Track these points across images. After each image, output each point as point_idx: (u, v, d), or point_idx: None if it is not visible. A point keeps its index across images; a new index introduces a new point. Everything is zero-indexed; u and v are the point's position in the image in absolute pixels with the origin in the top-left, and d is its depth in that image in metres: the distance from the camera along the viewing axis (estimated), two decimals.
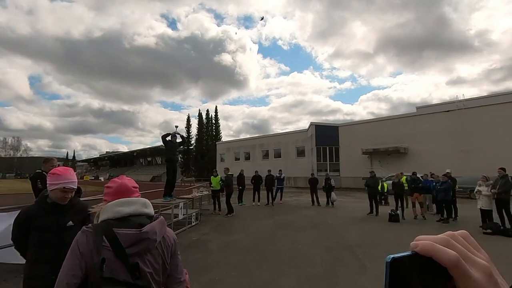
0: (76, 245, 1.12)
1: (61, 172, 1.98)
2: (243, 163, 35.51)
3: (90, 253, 1.08)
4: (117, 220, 1.14)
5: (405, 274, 0.31)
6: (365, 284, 4.20)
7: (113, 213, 1.15)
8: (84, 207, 2.17)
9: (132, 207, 1.18)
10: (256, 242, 6.70)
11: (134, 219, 1.16)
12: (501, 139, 19.05)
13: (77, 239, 1.13)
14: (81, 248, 1.10)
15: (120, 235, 1.10)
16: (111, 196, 1.23)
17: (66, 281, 1.06)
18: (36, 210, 1.98)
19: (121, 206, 1.17)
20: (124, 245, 1.09)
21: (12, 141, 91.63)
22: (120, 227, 1.12)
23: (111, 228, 1.11)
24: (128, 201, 1.19)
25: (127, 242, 1.10)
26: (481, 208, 8.03)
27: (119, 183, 1.26)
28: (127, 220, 1.15)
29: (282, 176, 14.81)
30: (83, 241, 1.11)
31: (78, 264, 1.08)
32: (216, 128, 57.80)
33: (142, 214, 1.20)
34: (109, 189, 1.26)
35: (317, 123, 31.62)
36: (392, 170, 19.60)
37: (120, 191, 1.23)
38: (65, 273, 1.08)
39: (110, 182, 1.30)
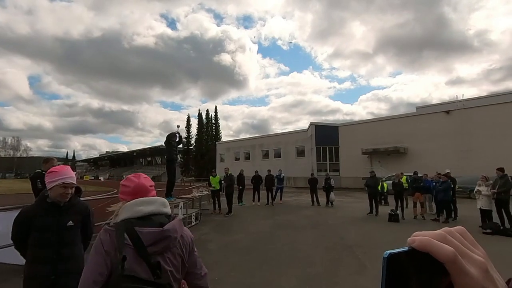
0: (100, 244, 1.13)
1: (59, 169, 1.99)
2: (243, 163, 35.50)
3: (114, 251, 1.09)
4: (138, 219, 1.15)
5: (402, 270, 0.31)
6: (365, 284, 4.20)
7: (134, 212, 1.16)
8: (84, 207, 2.16)
9: (152, 207, 1.19)
10: (256, 242, 6.70)
11: (154, 218, 1.18)
12: (501, 139, 19.05)
13: (101, 237, 1.15)
14: (106, 246, 1.11)
15: (143, 233, 1.11)
16: (129, 195, 1.24)
17: (93, 279, 1.08)
18: (36, 210, 1.97)
19: (142, 206, 1.18)
20: (146, 243, 1.10)
21: (12, 141, 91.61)
22: (141, 226, 1.13)
23: (133, 227, 1.12)
24: (148, 201, 1.21)
25: (149, 240, 1.11)
26: (481, 208, 8.03)
27: (137, 183, 1.25)
28: (148, 219, 1.17)
29: (282, 176, 14.81)
30: (107, 239, 1.12)
31: (103, 262, 1.10)
32: (216, 128, 57.76)
33: (161, 213, 1.22)
34: (126, 188, 1.26)
35: (317, 123, 31.61)
36: (392, 170, 19.61)
37: (138, 191, 1.24)
38: (91, 271, 1.09)
39: (126, 180, 1.30)
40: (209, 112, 58.66)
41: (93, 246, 1.15)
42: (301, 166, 30.95)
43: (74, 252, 2.03)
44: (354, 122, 31.26)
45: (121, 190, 1.28)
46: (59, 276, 1.92)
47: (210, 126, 57.62)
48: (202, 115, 58.37)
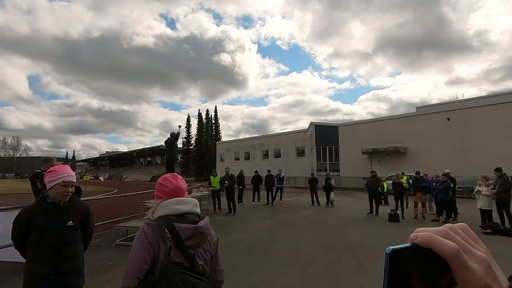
0: (144, 235, 1.24)
1: (58, 168, 1.99)
2: (243, 163, 35.50)
3: (156, 242, 1.22)
4: (175, 216, 1.29)
5: (405, 266, 0.31)
6: (365, 284, 4.20)
7: (172, 210, 1.30)
8: (84, 207, 2.16)
9: (187, 206, 1.34)
10: (256, 242, 6.70)
11: (189, 216, 1.33)
12: (500, 139, 19.06)
13: (144, 230, 1.26)
14: (149, 238, 1.23)
15: (181, 228, 1.25)
16: (166, 195, 1.37)
17: (139, 267, 1.18)
18: (35, 210, 1.97)
19: (179, 205, 1.32)
20: (183, 237, 1.23)
21: (11, 141, 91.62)
22: (178, 222, 1.27)
23: (171, 222, 1.25)
24: (184, 201, 1.36)
25: (186, 235, 1.25)
26: (481, 208, 8.03)
27: (176, 185, 1.39)
28: (184, 216, 1.31)
29: (282, 176, 14.81)
30: (150, 232, 1.24)
31: (147, 251, 1.21)
32: (216, 128, 57.76)
33: (194, 213, 1.36)
34: (164, 187, 1.39)
35: (317, 123, 31.62)
36: (392, 170, 19.61)
37: (175, 192, 1.38)
38: (136, 260, 1.20)
39: (164, 180, 1.41)
40: (209, 112, 58.68)
41: (135, 238, 1.27)
42: (301, 166, 30.95)
43: (74, 252, 2.03)
44: (354, 122, 31.27)
45: (159, 188, 1.40)
46: (59, 276, 1.92)
47: (210, 126, 57.60)
48: (202, 115, 58.37)
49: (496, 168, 7.92)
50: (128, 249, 5.53)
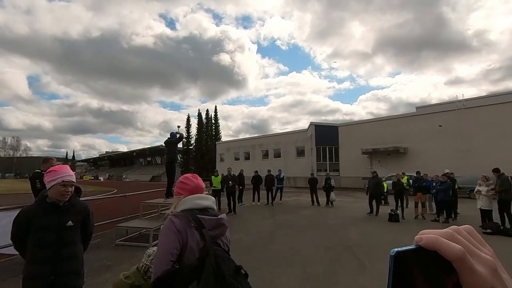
0: (172, 224, 1.35)
1: (58, 168, 1.98)
2: (242, 163, 35.51)
3: (184, 230, 1.34)
4: (198, 210, 1.43)
5: (409, 268, 0.30)
6: (365, 284, 4.19)
7: (194, 204, 1.44)
8: (84, 207, 2.15)
9: (208, 202, 1.49)
10: (256, 242, 6.70)
11: (210, 210, 1.48)
12: (500, 139, 19.06)
13: (173, 220, 1.37)
14: (177, 226, 1.34)
15: (205, 220, 1.39)
16: (188, 192, 1.51)
17: (170, 252, 1.29)
18: (35, 210, 1.96)
19: (200, 200, 1.47)
20: (207, 228, 1.36)
21: (11, 141, 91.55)
22: (202, 215, 1.41)
23: (196, 214, 1.39)
24: (204, 197, 1.51)
25: (209, 225, 1.38)
26: (481, 208, 8.02)
27: (196, 184, 1.55)
28: (206, 210, 1.46)
29: (282, 176, 14.81)
30: (178, 221, 1.36)
31: (177, 239, 1.32)
32: (216, 128, 57.75)
33: (213, 208, 1.51)
34: (185, 185, 1.54)
35: (317, 123, 31.61)
36: (392, 170, 19.60)
37: (196, 190, 1.53)
38: (167, 247, 1.31)
39: (185, 179, 1.56)
40: (209, 112, 58.69)
41: (164, 227, 1.38)
42: (301, 166, 30.95)
43: (73, 252, 2.02)
44: (354, 122, 31.27)
45: (180, 186, 1.54)
46: (59, 276, 1.91)
47: (210, 126, 57.59)
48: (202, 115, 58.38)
49: (494, 169, 7.92)
50: (128, 249, 5.54)
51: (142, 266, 1.95)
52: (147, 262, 1.94)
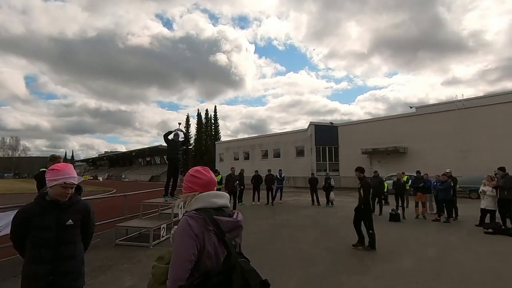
0: (189, 228, 1.24)
1: (61, 167, 1.92)
2: (242, 163, 35.46)
3: (201, 234, 1.23)
4: (213, 209, 1.31)
5: None
6: (367, 284, 4.16)
7: (209, 203, 1.32)
8: (84, 206, 2.10)
9: (223, 200, 1.37)
10: (256, 242, 6.65)
11: (225, 210, 1.36)
12: (500, 139, 19.07)
13: (189, 222, 1.25)
14: (194, 230, 1.23)
15: (222, 221, 1.28)
16: (200, 187, 1.38)
17: (188, 259, 1.20)
18: (34, 208, 1.92)
19: (216, 198, 1.35)
20: (224, 230, 1.27)
21: (10, 141, 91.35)
22: (217, 215, 1.29)
23: (212, 215, 1.27)
24: (219, 195, 1.38)
25: (227, 228, 1.28)
26: (485, 208, 7.97)
27: (210, 178, 1.41)
28: (221, 210, 1.34)
29: (282, 176, 14.79)
30: (195, 224, 1.24)
31: (194, 243, 1.22)
32: (215, 128, 57.75)
33: (228, 206, 1.40)
34: (198, 179, 1.40)
35: (317, 123, 31.60)
36: (392, 170, 19.60)
37: (209, 184, 1.40)
38: (185, 252, 1.21)
39: (197, 172, 1.42)
40: (208, 112, 58.69)
41: (179, 230, 1.26)
42: (301, 166, 30.94)
43: (73, 251, 1.98)
44: (353, 122, 31.27)
45: (191, 180, 1.41)
46: (58, 276, 1.87)
47: (210, 126, 57.62)
48: (201, 115, 58.41)
49: (500, 167, 7.90)
50: (128, 249, 5.50)
51: None
52: None
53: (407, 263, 5.10)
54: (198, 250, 1.22)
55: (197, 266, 1.22)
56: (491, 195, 7.80)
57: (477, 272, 4.63)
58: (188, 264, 1.19)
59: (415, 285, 4.12)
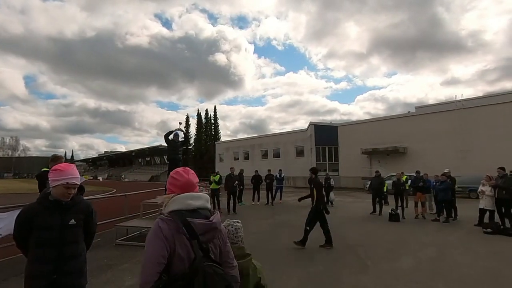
0: (159, 230, 1.24)
1: (64, 168, 1.94)
2: (242, 163, 35.46)
3: (172, 237, 1.23)
4: (188, 211, 1.30)
5: None
6: (367, 283, 4.18)
7: (185, 205, 1.31)
8: (86, 205, 2.13)
9: (200, 202, 1.35)
10: (256, 241, 6.67)
11: (201, 211, 1.34)
12: (500, 139, 19.10)
13: (160, 225, 1.26)
14: (165, 233, 1.23)
15: (195, 224, 1.26)
16: (178, 188, 1.38)
17: (157, 261, 1.19)
18: (37, 208, 1.94)
19: (191, 200, 1.34)
20: (198, 232, 1.26)
21: (10, 140, 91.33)
22: (191, 217, 1.28)
23: (185, 217, 1.26)
24: (196, 196, 1.36)
25: (200, 230, 1.27)
26: (483, 208, 7.99)
27: (187, 179, 1.40)
28: (197, 212, 1.32)
29: (282, 176, 14.81)
30: (165, 227, 1.25)
31: (164, 246, 1.21)
32: (215, 128, 57.76)
33: (206, 208, 1.38)
34: (176, 181, 1.40)
35: (317, 123, 31.62)
36: (392, 170, 19.62)
37: (187, 186, 1.39)
38: (155, 254, 1.21)
39: (176, 174, 1.42)
40: (208, 112, 58.71)
41: (150, 233, 1.27)
42: (300, 166, 30.93)
43: (76, 251, 2.00)
44: (353, 122, 31.29)
45: (171, 182, 1.42)
46: (61, 275, 1.89)
47: (209, 126, 57.62)
48: (201, 115, 58.42)
49: (500, 167, 7.91)
50: (128, 248, 5.52)
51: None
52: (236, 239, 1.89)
53: (406, 263, 5.12)
54: (168, 253, 1.21)
55: (169, 269, 1.21)
56: (489, 195, 7.81)
57: (476, 272, 4.65)
58: (157, 266, 1.18)
59: (414, 284, 4.14)
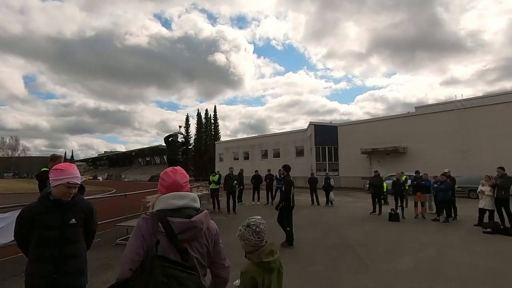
0: (138, 229, 1.30)
1: (65, 167, 1.95)
2: (242, 163, 35.48)
3: (149, 236, 1.26)
4: (170, 211, 1.32)
5: None
6: (367, 283, 4.19)
7: (168, 204, 1.34)
8: (87, 205, 2.13)
9: (184, 201, 1.37)
10: None
11: (184, 210, 1.35)
12: (499, 139, 19.11)
13: (139, 223, 1.31)
14: (142, 231, 1.28)
15: (174, 223, 1.28)
16: (165, 188, 1.41)
17: (131, 258, 1.23)
18: (38, 207, 1.94)
19: (175, 199, 1.35)
20: (176, 231, 1.27)
21: (10, 140, 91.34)
22: (173, 217, 1.30)
23: (165, 216, 1.28)
24: (181, 195, 1.38)
25: (179, 229, 1.28)
26: (483, 208, 7.99)
27: (173, 180, 1.42)
28: (179, 211, 1.34)
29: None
30: (144, 226, 1.29)
31: (141, 244, 1.26)
32: (215, 128, 57.75)
33: (191, 207, 1.38)
34: (163, 181, 1.44)
35: (317, 122, 31.63)
36: (391, 170, 19.63)
37: (173, 186, 1.41)
38: (130, 251, 1.25)
39: (164, 174, 1.46)
40: (208, 112, 58.70)
41: (133, 231, 1.32)
42: (300, 166, 30.88)
43: (76, 250, 2.00)
44: (353, 122, 31.30)
45: (159, 182, 1.45)
46: (62, 274, 1.89)
47: (209, 126, 57.61)
48: (201, 115, 58.40)
49: (499, 167, 7.92)
50: None
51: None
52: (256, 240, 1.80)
53: (406, 263, 5.13)
54: (145, 251, 1.24)
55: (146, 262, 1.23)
56: (489, 195, 7.82)
57: (475, 272, 4.66)
58: (131, 263, 1.21)
59: (414, 284, 4.15)
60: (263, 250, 1.81)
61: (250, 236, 1.79)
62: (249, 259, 1.82)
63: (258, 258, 1.77)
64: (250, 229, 1.81)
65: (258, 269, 1.76)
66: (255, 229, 1.81)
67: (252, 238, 1.79)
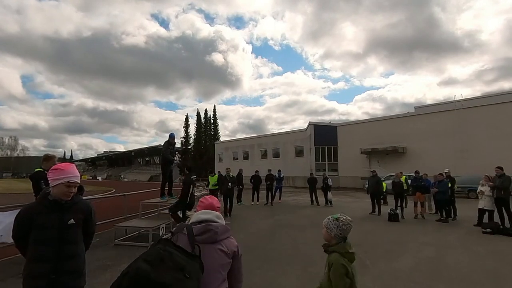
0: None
1: (65, 167, 1.95)
2: (241, 163, 35.48)
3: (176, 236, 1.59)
4: (197, 222, 1.67)
5: None
6: (366, 283, 4.17)
7: (196, 218, 1.70)
8: (86, 205, 2.12)
9: (208, 216, 1.70)
10: (256, 241, 6.67)
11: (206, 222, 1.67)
12: (499, 139, 19.13)
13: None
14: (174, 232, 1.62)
15: (194, 228, 1.61)
16: (201, 208, 1.79)
17: None
18: (37, 207, 1.93)
19: (201, 214, 1.72)
20: (195, 233, 1.57)
21: (9, 140, 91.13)
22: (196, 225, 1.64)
23: (191, 225, 1.64)
24: (207, 212, 1.74)
25: (197, 231, 1.59)
26: (483, 208, 7.99)
27: (209, 203, 1.81)
28: (202, 222, 1.67)
29: (282, 176, 14.79)
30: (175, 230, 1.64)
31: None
32: (214, 128, 57.71)
33: (213, 221, 1.68)
34: (201, 203, 1.82)
35: (316, 122, 31.63)
36: (391, 170, 19.65)
37: (207, 208, 1.78)
38: None
39: (203, 198, 1.85)
40: (207, 112, 58.65)
41: None
42: (300, 166, 30.95)
43: (75, 251, 1.99)
44: (352, 122, 31.30)
45: (199, 204, 1.84)
46: (60, 275, 1.88)
47: (209, 126, 57.55)
48: (200, 115, 58.35)
49: (498, 167, 7.91)
50: (127, 248, 5.51)
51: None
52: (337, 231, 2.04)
53: (405, 263, 5.12)
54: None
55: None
56: (488, 195, 7.81)
57: (475, 272, 4.66)
58: None
59: (413, 284, 4.14)
60: (347, 243, 2.05)
61: (334, 228, 2.04)
62: (332, 251, 2.03)
63: (344, 249, 2.01)
64: (338, 222, 2.04)
65: (344, 259, 1.97)
66: (341, 226, 2.04)
67: (335, 230, 2.03)
